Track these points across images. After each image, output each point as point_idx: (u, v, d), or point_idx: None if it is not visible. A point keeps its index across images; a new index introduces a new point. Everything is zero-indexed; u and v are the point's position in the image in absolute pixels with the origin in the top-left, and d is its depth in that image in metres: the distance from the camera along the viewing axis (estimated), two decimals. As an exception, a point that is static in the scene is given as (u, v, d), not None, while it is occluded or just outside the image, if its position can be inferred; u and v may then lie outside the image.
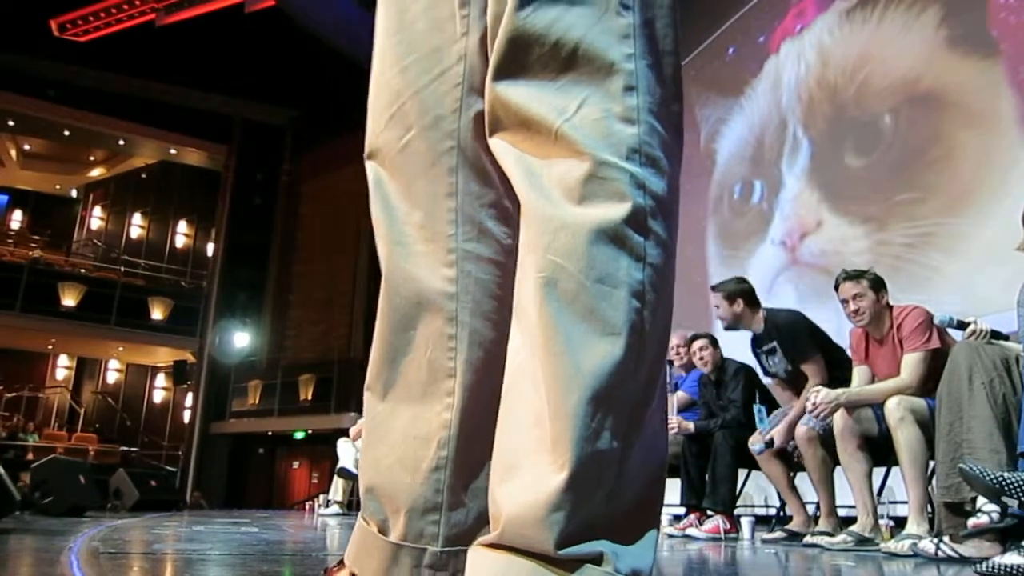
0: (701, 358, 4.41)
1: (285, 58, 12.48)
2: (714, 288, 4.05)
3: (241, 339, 13.60)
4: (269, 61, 12.67)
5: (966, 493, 2.44)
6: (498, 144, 0.74)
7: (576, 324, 0.65)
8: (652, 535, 0.68)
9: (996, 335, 2.79)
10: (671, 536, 4.08)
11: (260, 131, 14.64)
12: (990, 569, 1.95)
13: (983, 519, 2.31)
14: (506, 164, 0.73)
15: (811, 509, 3.83)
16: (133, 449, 14.99)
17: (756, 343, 3.98)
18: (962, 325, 2.93)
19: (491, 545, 0.66)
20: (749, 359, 4.50)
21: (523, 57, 0.70)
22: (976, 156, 4.94)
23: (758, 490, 4.57)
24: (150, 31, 12.27)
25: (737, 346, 4.91)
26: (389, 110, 0.92)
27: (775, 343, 3.83)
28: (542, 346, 0.66)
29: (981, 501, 2.37)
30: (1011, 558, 1.92)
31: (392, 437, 0.87)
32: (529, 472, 0.65)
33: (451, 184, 0.86)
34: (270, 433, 12.98)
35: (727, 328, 3.99)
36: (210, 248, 15.92)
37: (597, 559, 0.62)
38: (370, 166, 0.94)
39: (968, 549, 2.41)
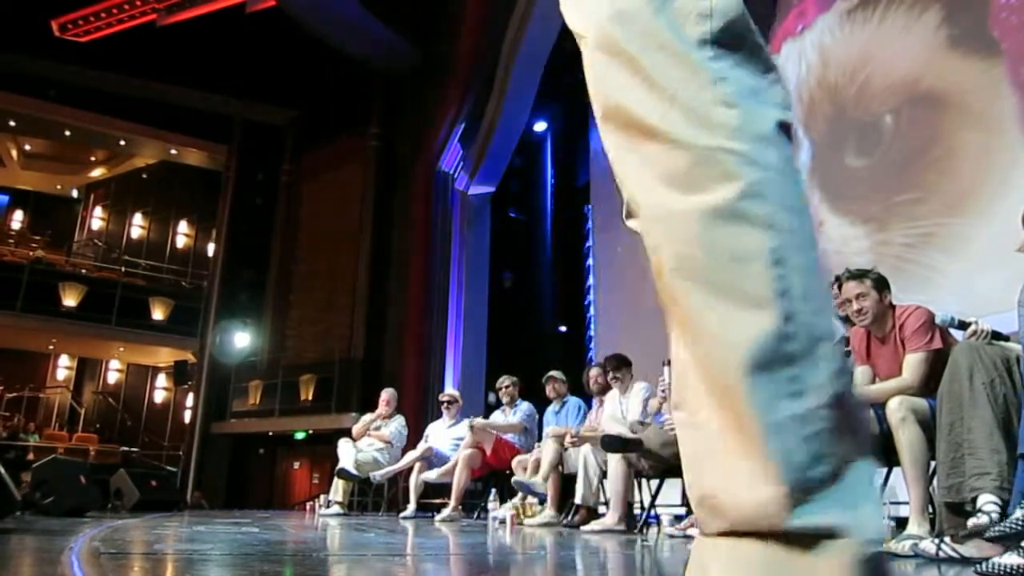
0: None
1: (285, 58, 12.47)
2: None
3: (242, 339, 13.60)
4: (269, 61, 12.66)
5: (967, 493, 2.44)
6: (607, 144, 0.75)
7: (720, 304, 0.65)
8: (869, 492, 0.65)
9: (997, 335, 2.79)
10: (672, 536, 4.08)
11: (260, 131, 14.63)
12: (990, 569, 1.95)
13: (984, 519, 2.31)
14: (614, 165, 0.74)
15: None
16: (134, 449, 15.00)
17: (846, 342, 3.88)
18: (963, 325, 2.93)
19: (719, 534, 0.65)
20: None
21: (613, 60, 0.72)
22: (976, 156, 4.94)
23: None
24: (151, 31, 12.28)
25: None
26: None
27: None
28: (693, 336, 0.66)
29: (982, 501, 2.37)
30: (1011, 558, 1.92)
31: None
32: (725, 455, 0.64)
33: None
34: (271, 433, 12.98)
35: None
36: (211, 248, 15.92)
37: (829, 533, 0.61)
38: None
39: (969, 549, 2.41)
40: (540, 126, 12.03)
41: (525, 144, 11.51)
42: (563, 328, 11.63)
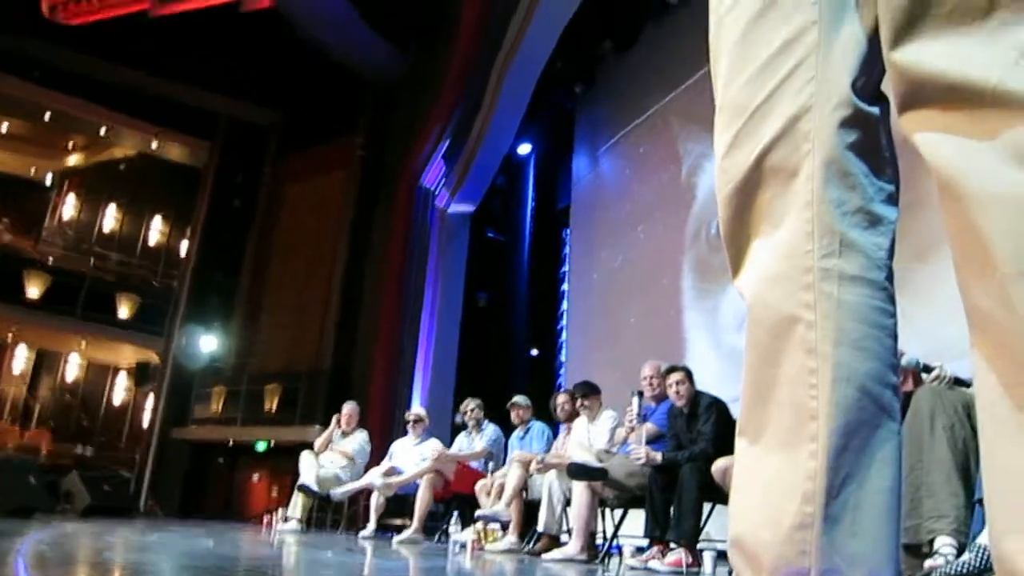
0: (677, 392, 4.40)
1: (276, 60, 12.42)
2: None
3: (208, 343, 13.37)
4: (260, 61, 12.60)
5: (924, 535, 2.46)
6: (912, 124, 0.63)
7: None
8: None
9: (959, 381, 2.84)
10: (633, 568, 4.06)
11: (245, 130, 14.48)
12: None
13: (940, 561, 2.33)
14: (927, 146, 0.62)
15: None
16: (88, 450, 14.64)
17: None
18: (927, 369, 2.98)
19: None
20: (720, 392, 4.52)
21: (931, 6, 0.59)
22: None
23: (721, 525, 4.58)
24: (143, 21, 12.16)
25: (709, 379, 4.93)
26: (733, 129, 0.82)
27: None
28: None
29: (939, 543, 2.39)
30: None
31: (756, 487, 0.78)
32: None
33: (808, 192, 0.76)
34: (231, 442, 12.74)
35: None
36: (184, 247, 15.71)
37: None
38: (725, 201, 0.84)
39: (927, 595, 2.43)
40: (524, 148, 12.10)
41: (508, 165, 11.56)
42: (534, 352, 11.62)
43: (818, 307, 0.74)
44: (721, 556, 3.91)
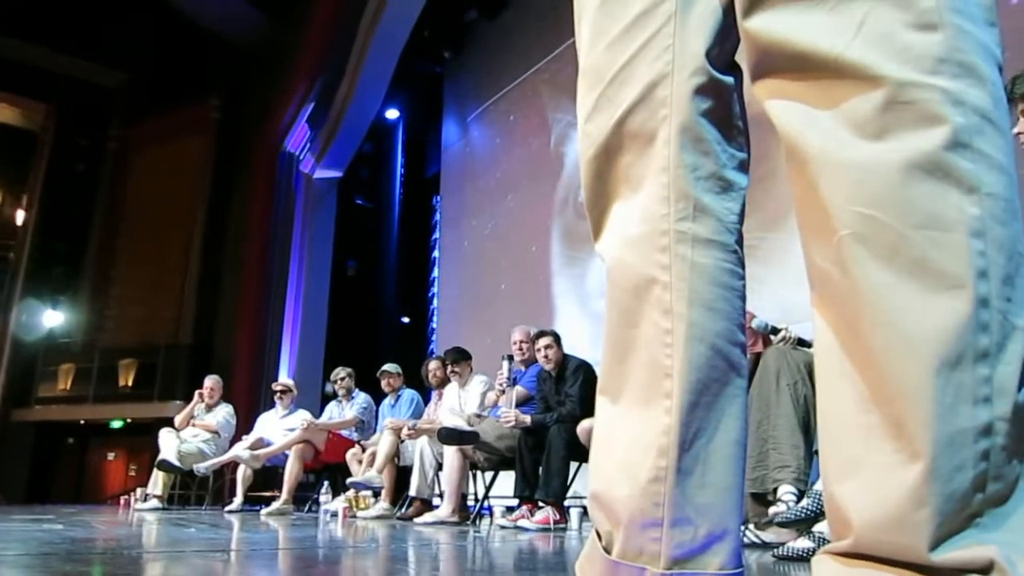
0: (546, 356, 4.53)
1: (122, 16, 11.47)
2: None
3: (52, 318, 12.38)
4: (104, 17, 11.59)
5: (769, 484, 2.67)
6: (763, 92, 0.65)
7: (902, 283, 0.55)
8: None
9: (803, 342, 3.08)
10: (503, 528, 4.17)
11: (88, 92, 13.33)
12: (786, 552, 2.15)
13: (782, 507, 2.54)
14: (775, 113, 0.64)
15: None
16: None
17: None
18: (775, 331, 3.21)
19: (844, 554, 0.57)
20: (588, 356, 4.68)
21: None
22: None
23: (587, 483, 4.80)
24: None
25: (577, 343, 5.10)
26: (594, 93, 0.83)
27: None
28: (860, 316, 0.57)
29: (782, 491, 2.61)
30: (803, 542, 2.13)
31: (616, 443, 0.80)
32: (872, 466, 0.56)
33: (664, 157, 0.77)
34: (82, 422, 11.93)
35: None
36: (20, 216, 14.38)
37: (986, 568, 0.51)
38: (587, 164, 0.84)
39: (769, 535, 2.65)
40: (392, 114, 11.87)
41: (376, 131, 11.32)
42: (405, 319, 11.56)
43: (673, 269, 0.76)
44: (587, 512, 4.09)
